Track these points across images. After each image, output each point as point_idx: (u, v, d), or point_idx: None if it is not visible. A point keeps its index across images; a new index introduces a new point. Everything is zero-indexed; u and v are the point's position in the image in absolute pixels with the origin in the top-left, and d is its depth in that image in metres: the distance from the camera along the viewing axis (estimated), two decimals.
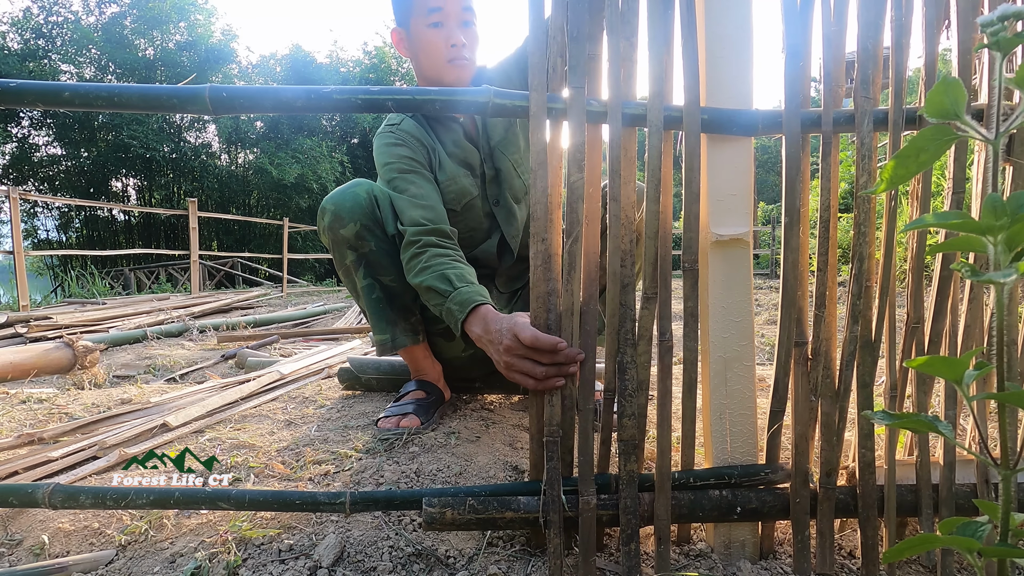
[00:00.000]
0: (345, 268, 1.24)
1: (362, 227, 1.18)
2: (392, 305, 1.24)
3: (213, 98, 0.72)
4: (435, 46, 1.21)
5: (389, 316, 1.24)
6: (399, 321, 1.25)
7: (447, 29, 1.20)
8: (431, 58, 1.22)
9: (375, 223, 1.20)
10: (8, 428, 1.31)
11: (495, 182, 1.33)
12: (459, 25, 1.21)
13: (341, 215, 1.18)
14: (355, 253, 1.20)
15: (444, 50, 1.21)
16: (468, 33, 1.22)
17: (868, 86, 0.72)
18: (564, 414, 0.74)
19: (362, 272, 1.22)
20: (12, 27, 14.71)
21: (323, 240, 1.23)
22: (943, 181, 2.77)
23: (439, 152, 1.28)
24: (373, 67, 18.39)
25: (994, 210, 0.34)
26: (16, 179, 15.24)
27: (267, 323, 3.83)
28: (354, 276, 1.23)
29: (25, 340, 2.77)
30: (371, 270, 1.22)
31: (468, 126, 1.32)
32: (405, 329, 1.26)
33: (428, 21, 1.20)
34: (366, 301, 1.25)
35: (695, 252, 0.75)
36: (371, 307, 1.24)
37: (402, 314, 1.26)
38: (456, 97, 0.74)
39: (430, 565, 0.76)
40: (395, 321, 1.25)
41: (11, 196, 5.14)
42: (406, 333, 1.26)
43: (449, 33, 1.20)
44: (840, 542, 0.83)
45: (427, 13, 1.20)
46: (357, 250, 1.20)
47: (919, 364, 0.39)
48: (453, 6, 1.19)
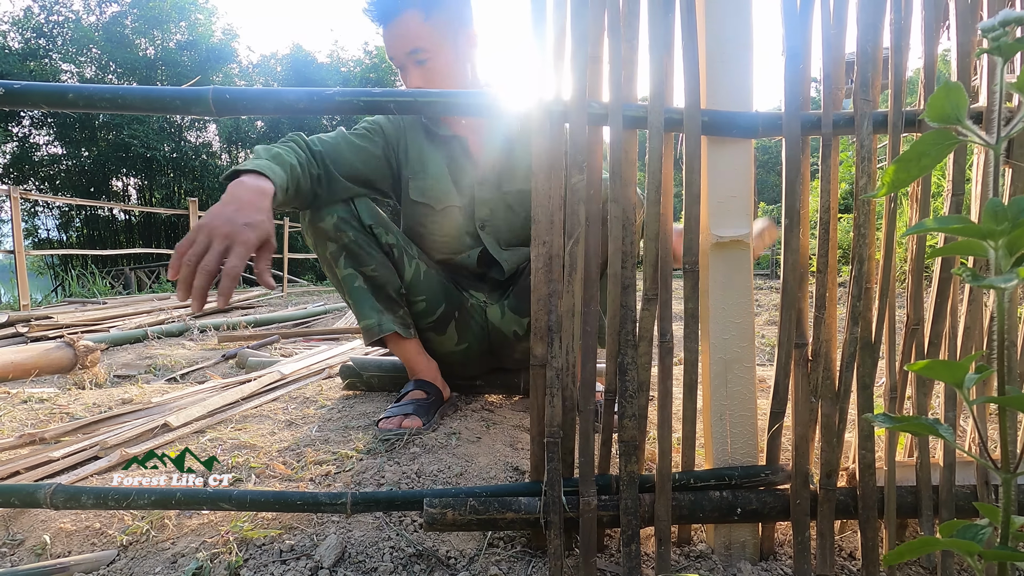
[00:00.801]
0: (327, 261, 1.26)
1: (339, 219, 1.22)
2: (377, 295, 1.26)
3: (216, 100, 0.72)
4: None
5: (374, 304, 1.26)
6: (386, 311, 1.27)
7: (405, 74, 1.26)
8: None
9: (351, 215, 1.24)
10: (9, 428, 1.31)
11: (487, 206, 1.34)
12: (413, 66, 1.24)
13: (319, 207, 1.22)
14: (335, 244, 1.23)
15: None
16: (425, 71, 1.24)
17: (868, 88, 0.73)
18: (565, 415, 0.74)
19: (343, 262, 1.24)
20: (13, 26, 14.73)
21: (306, 239, 1.27)
22: (943, 182, 2.77)
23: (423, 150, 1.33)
24: (374, 67, 18.40)
25: (995, 215, 0.34)
26: (17, 178, 15.26)
27: (267, 323, 3.83)
28: (335, 267, 1.25)
29: (26, 340, 2.78)
30: (352, 260, 1.24)
31: (470, 145, 1.34)
32: (393, 320, 1.27)
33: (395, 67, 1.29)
34: (349, 291, 1.26)
35: (695, 253, 0.75)
36: (355, 296, 1.26)
37: (388, 305, 1.27)
38: (457, 100, 0.74)
39: (431, 566, 0.76)
40: (381, 310, 1.26)
41: (12, 195, 5.15)
42: (395, 322, 1.27)
43: (407, 78, 1.26)
44: (840, 543, 0.83)
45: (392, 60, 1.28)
46: (336, 241, 1.23)
47: (920, 368, 0.39)
48: (399, 52, 1.24)
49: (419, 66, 1.23)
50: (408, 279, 1.31)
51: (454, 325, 1.36)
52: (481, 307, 1.39)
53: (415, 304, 1.32)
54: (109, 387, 1.93)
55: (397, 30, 1.22)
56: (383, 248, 1.28)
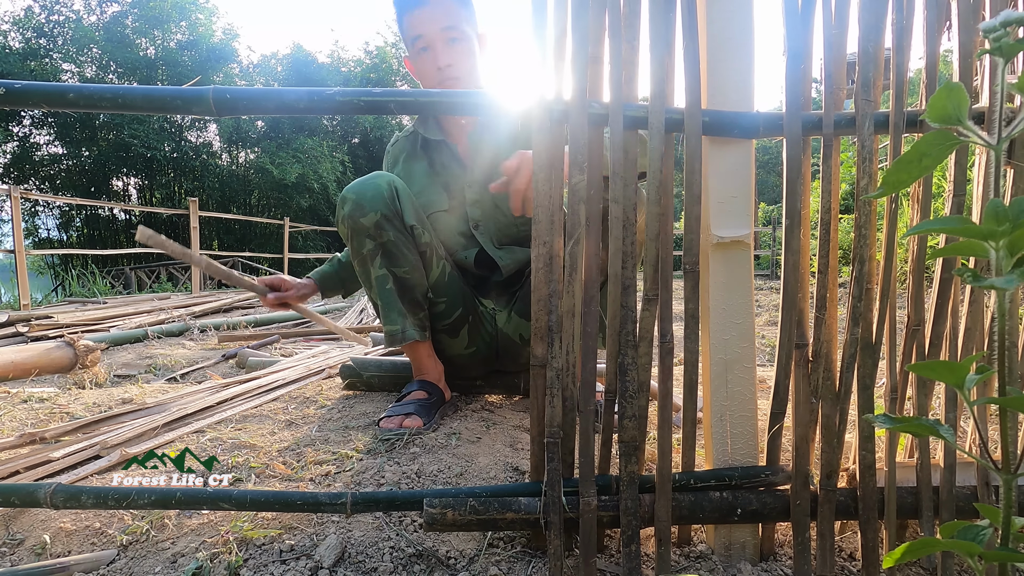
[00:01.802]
0: (361, 257, 1.24)
1: (382, 216, 1.20)
2: (404, 298, 1.26)
3: (217, 100, 0.72)
4: (426, 71, 1.29)
5: (400, 308, 1.25)
6: (409, 315, 1.26)
7: (433, 52, 1.26)
8: (426, 83, 1.31)
9: (395, 214, 1.22)
10: (9, 427, 1.31)
11: (478, 207, 1.36)
12: (445, 44, 1.25)
13: (363, 204, 1.19)
14: (373, 242, 1.21)
15: (434, 73, 1.27)
16: (455, 50, 1.26)
17: (869, 89, 0.73)
18: (565, 415, 0.74)
19: (378, 262, 1.23)
20: (14, 26, 14.73)
21: (340, 230, 1.25)
22: (944, 182, 2.77)
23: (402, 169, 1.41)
24: (374, 67, 18.39)
25: (996, 215, 0.34)
26: (17, 178, 15.25)
27: (268, 323, 3.82)
28: (370, 266, 1.24)
29: (26, 339, 2.78)
30: (387, 260, 1.23)
31: (460, 150, 1.37)
32: (414, 323, 1.26)
33: (416, 48, 1.28)
34: (379, 292, 1.25)
35: (696, 254, 0.75)
36: (384, 298, 1.25)
37: (412, 308, 1.27)
38: (457, 99, 0.74)
39: (431, 566, 0.76)
40: (405, 314, 1.25)
41: (12, 195, 5.15)
42: (415, 327, 1.26)
43: (435, 56, 1.26)
44: (840, 544, 0.83)
45: (413, 42, 1.28)
46: (376, 239, 1.21)
47: (921, 369, 0.39)
48: (431, 28, 1.24)
49: (450, 44, 1.25)
50: (433, 280, 1.31)
51: (467, 329, 1.37)
52: (491, 314, 1.42)
53: (436, 305, 1.32)
54: (109, 387, 1.93)
55: (435, 6, 1.24)
56: (419, 249, 1.27)
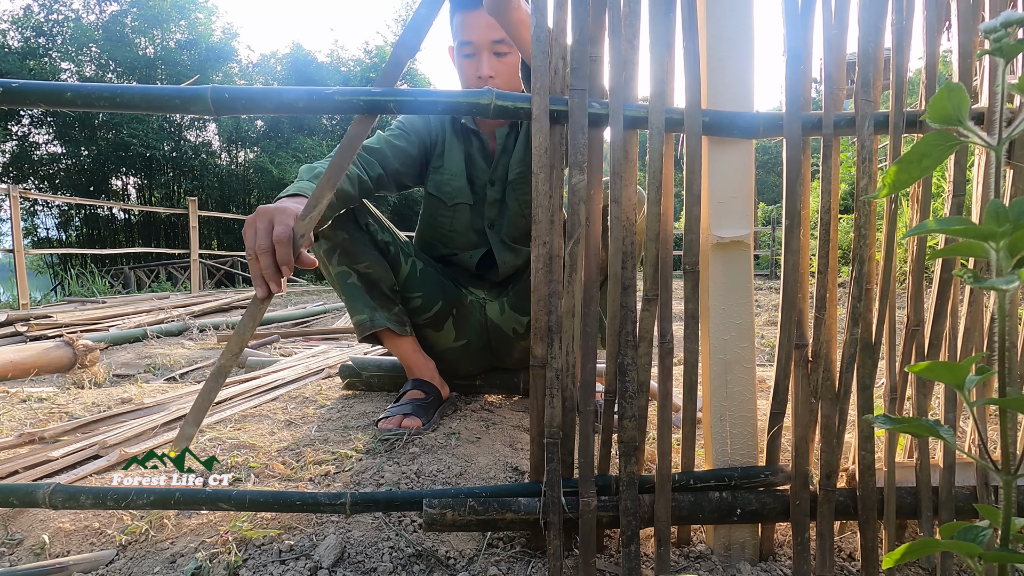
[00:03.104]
0: (321, 258, 1.26)
1: (334, 220, 1.21)
2: (371, 292, 1.27)
3: (215, 99, 0.72)
4: (467, 75, 1.28)
5: (367, 300, 1.26)
6: (380, 308, 1.27)
7: (478, 60, 1.25)
8: (464, 84, 1.30)
9: (347, 216, 1.24)
10: (8, 427, 1.31)
11: (496, 207, 1.36)
12: (491, 56, 1.25)
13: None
14: (328, 243, 1.23)
15: (474, 80, 1.26)
16: (501, 63, 1.25)
17: (869, 89, 0.73)
18: (565, 416, 0.74)
19: (336, 260, 1.25)
20: (13, 25, 14.72)
21: None
22: (943, 183, 2.77)
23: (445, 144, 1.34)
24: (374, 67, 18.38)
25: (996, 216, 0.34)
26: (16, 177, 15.25)
27: (267, 322, 3.82)
28: (328, 264, 1.26)
29: (25, 339, 2.77)
30: (345, 258, 1.25)
31: (489, 143, 1.36)
32: (387, 317, 1.27)
33: (463, 51, 1.27)
34: (342, 287, 1.27)
35: (696, 254, 0.75)
36: (347, 292, 1.27)
37: (381, 302, 1.28)
38: (459, 99, 0.74)
39: (430, 566, 0.76)
40: (375, 307, 1.27)
41: (11, 194, 5.15)
42: (388, 319, 1.27)
43: (479, 64, 1.25)
44: (840, 544, 0.83)
45: (461, 45, 1.27)
46: (330, 239, 1.23)
47: (920, 369, 0.39)
48: (482, 39, 1.23)
49: (498, 57, 1.25)
50: (403, 276, 1.32)
51: (451, 321, 1.37)
52: (480, 303, 1.41)
53: (411, 300, 1.33)
54: (108, 386, 1.93)
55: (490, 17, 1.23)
56: (378, 246, 1.28)
